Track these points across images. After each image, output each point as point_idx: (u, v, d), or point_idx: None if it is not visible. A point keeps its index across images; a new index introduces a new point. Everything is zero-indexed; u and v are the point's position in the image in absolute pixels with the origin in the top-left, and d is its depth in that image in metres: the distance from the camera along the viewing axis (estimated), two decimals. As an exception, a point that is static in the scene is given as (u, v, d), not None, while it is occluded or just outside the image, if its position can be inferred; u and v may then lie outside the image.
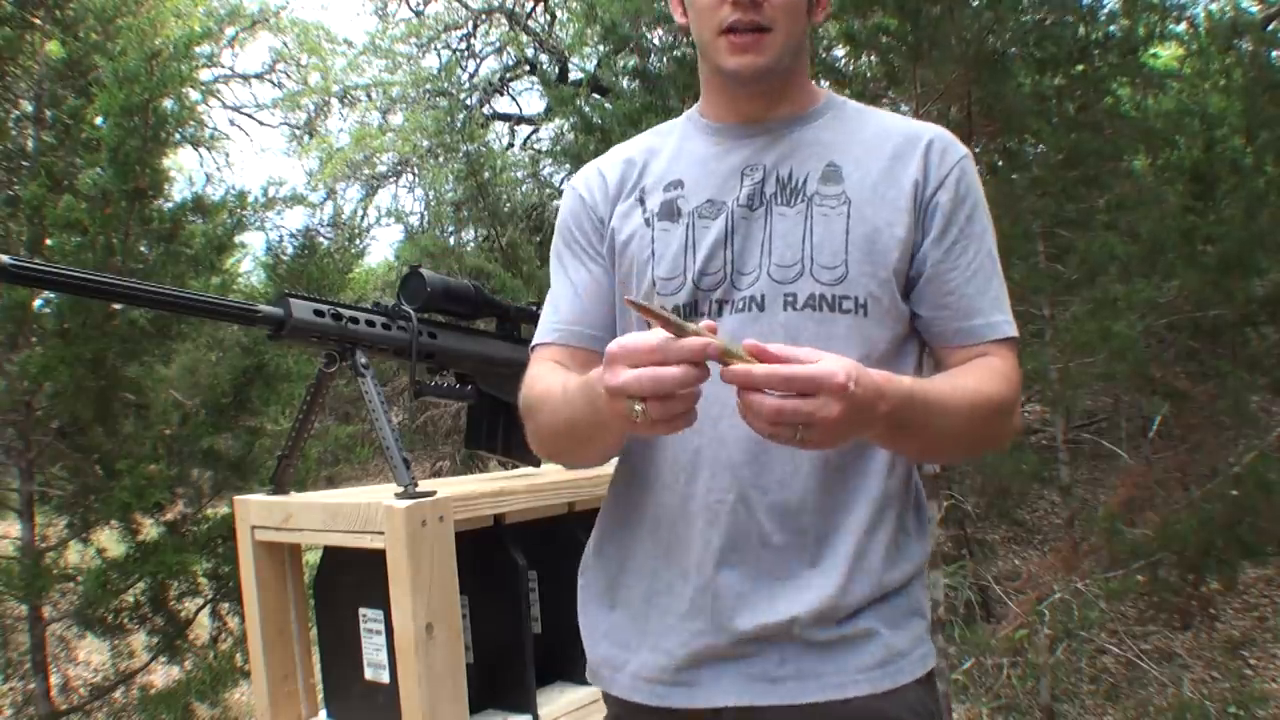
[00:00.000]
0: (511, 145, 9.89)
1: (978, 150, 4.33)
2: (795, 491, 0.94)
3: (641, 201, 1.04)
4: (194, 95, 4.72)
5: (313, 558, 1.42)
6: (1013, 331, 1.00)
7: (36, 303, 3.14)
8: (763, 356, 0.76)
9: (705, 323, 0.77)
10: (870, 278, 0.95)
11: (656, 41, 5.16)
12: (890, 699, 0.93)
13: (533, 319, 1.56)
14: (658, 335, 0.75)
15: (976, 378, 0.95)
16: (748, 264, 0.98)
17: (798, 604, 0.93)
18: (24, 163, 3.37)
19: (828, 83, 4.75)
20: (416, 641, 1.11)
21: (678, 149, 1.06)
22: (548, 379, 1.00)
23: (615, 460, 1.08)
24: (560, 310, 1.08)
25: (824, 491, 0.95)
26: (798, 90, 1.04)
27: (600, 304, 1.06)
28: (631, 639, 1.00)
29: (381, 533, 1.14)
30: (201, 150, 9.82)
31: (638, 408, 0.75)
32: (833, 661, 0.93)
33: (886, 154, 0.99)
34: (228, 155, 13.40)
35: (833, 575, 0.93)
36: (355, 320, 1.29)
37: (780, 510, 0.94)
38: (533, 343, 1.10)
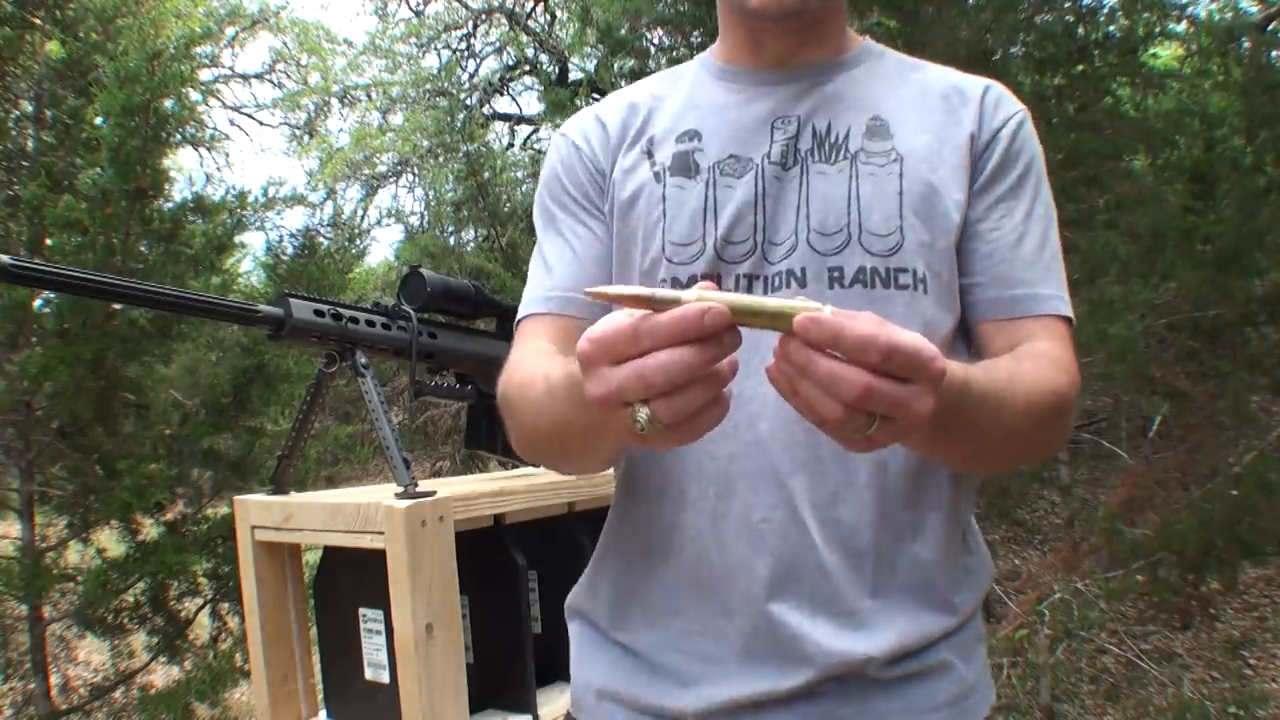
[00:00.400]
0: (511, 145, 9.89)
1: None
2: (851, 507, 0.79)
3: (649, 154, 0.87)
4: (194, 95, 4.72)
5: (313, 558, 1.42)
6: (1068, 310, 0.84)
7: (36, 303, 3.14)
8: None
9: (700, 284, 0.57)
10: (928, 248, 0.81)
11: (656, 42, 5.16)
12: None
13: (533, 319, 1.56)
14: (629, 317, 0.56)
15: (1033, 366, 0.77)
16: (781, 231, 0.81)
17: (871, 643, 0.78)
18: (24, 163, 3.37)
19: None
20: (416, 641, 1.11)
21: (690, 96, 0.90)
22: (529, 365, 0.81)
23: (615, 472, 0.93)
24: (555, 273, 0.88)
25: (885, 506, 0.79)
26: (833, 33, 0.89)
27: (603, 269, 0.88)
28: (648, 686, 0.84)
29: (381, 533, 1.13)
30: (201, 150, 9.82)
31: (642, 415, 0.55)
32: (901, 698, 0.80)
33: (939, 108, 0.85)
34: (228, 155, 13.40)
35: (901, 609, 0.79)
36: (355, 320, 1.29)
37: (836, 529, 0.78)
38: (519, 315, 0.91)
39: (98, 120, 3.19)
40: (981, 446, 0.75)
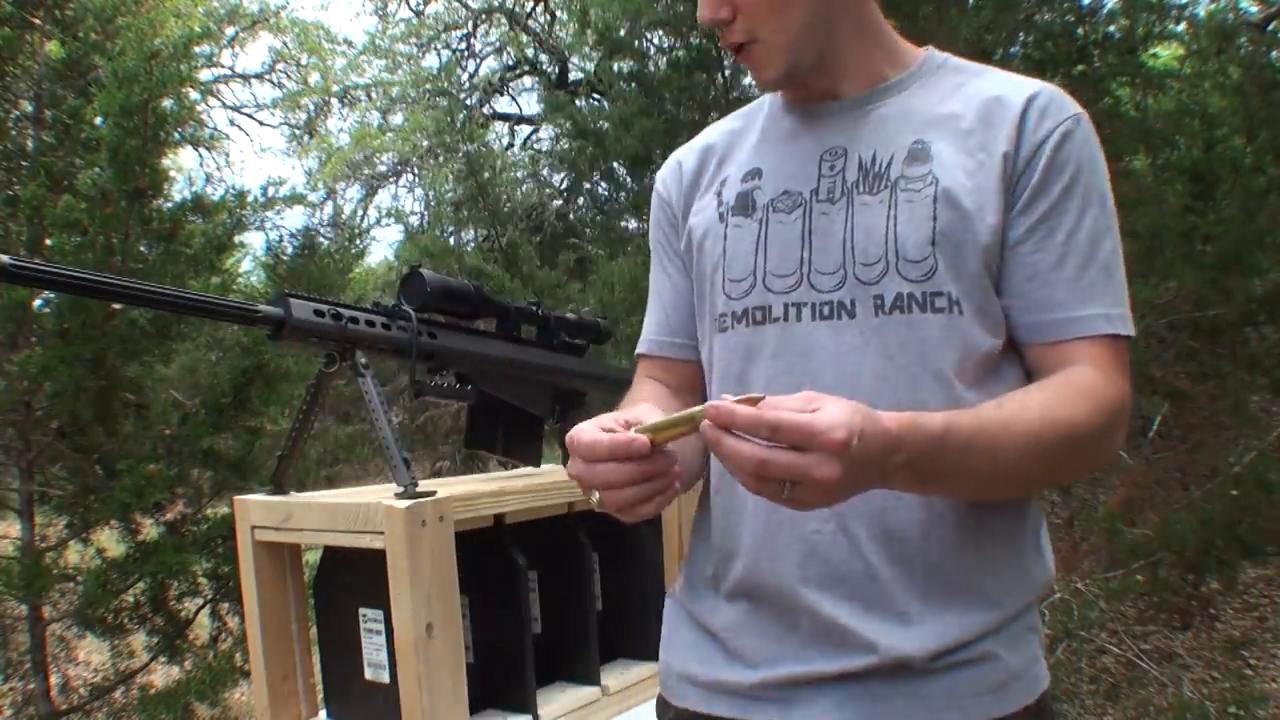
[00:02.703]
0: (511, 145, 9.89)
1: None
2: (899, 517, 0.83)
3: (719, 194, 0.95)
4: (194, 95, 4.72)
5: (313, 558, 1.42)
6: (1111, 328, 0.83)
7: (36, 303, 3.14)
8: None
9: (747, 395, 0.66)
10: (960, 272, 0.82)
11: (656, 42, 5.16)
12: None
13: (533, 319, 1.56)
14: (594, 432, 0.74)
15: (1050, 398, 0.79)
16: (829, 263, 0.85)
17: (918, 641, 0.82)
18: (24, 163, 3.37)
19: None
20: (416, 641, 1.11)
21: (761, 131, 0.96)
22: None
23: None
24: (650, 320, 1.06)
25: (934, 517, 0.83)
26: (863, 59, 0.90)
27: (681, 314, 1.02)
28: (718, 657, 0.93)
29: (381, 533, 1.13)
30: (201, 150, 9.83)
31: (594, 498, 0.75)
32: (941, 682, 0.83)
33: (978, 125, 0.84)
34: (227, 155, 13.41)
35: (950, 610, 0.83)
36: (355, 320, 1.29)
37: (884, 539, 0.83)
38: (638, 349, 1.10)
39: (97, 120, 3.19)
40: (981, 484, 0.79)
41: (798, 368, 0.85)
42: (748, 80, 5.58)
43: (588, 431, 0.74)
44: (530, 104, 10.08)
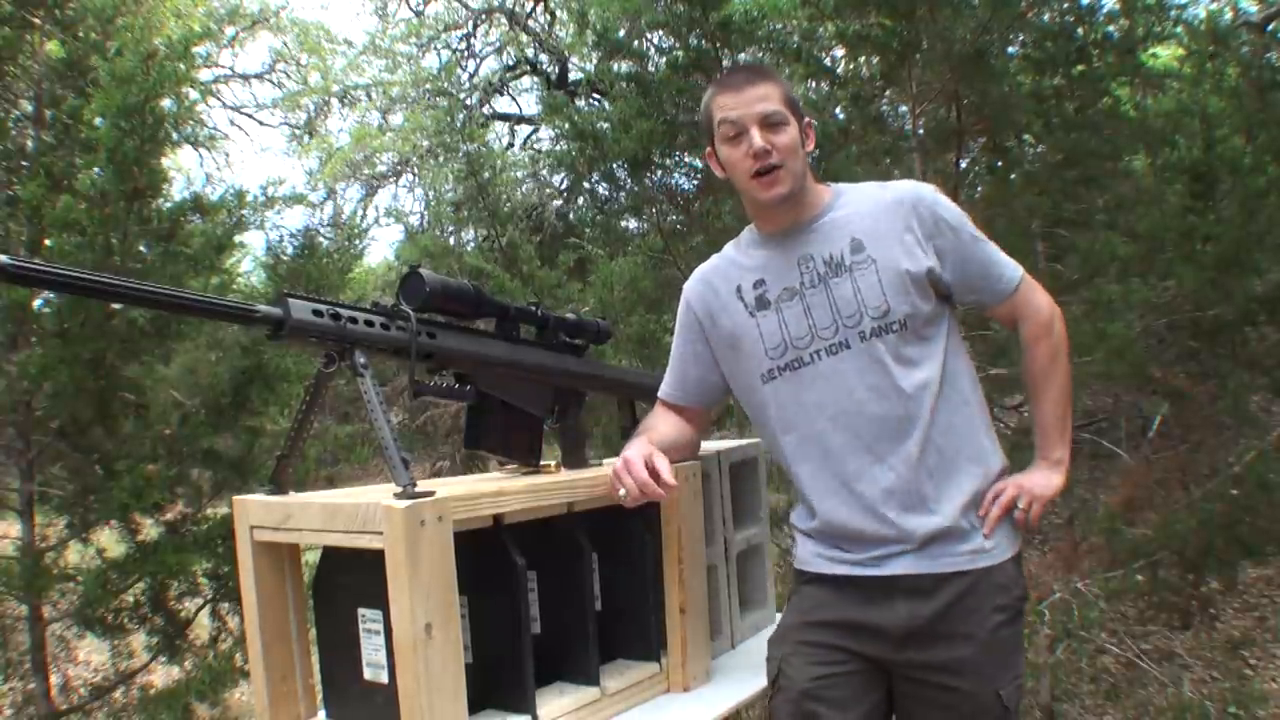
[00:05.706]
0: (511, 145, 9.89)
1: (974, 150, 4.33)
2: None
3: (742, 299, 1.49)
4: (193, 95, 4.72)
5: (312, 558, 1.42)
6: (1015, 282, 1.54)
7: (36, 303, 3.14)
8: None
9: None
10: (900, 303, 1.40)
11: (655, 43, 5.15)
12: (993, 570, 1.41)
13: (532, 319, 1.56)
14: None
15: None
16: (826, 320, 1.42)
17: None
18: (24, 163, 3.37)
19: (826, 85, 4.75)
20: (415, 642, 1.11)
21: (750, 256, 1.51)
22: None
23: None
24: (672, 377, 1.62)
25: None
26: (813, 195, 1.47)
27: (697, 379, 1.59)
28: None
29: (380, 533, 1.13)
30: (201, 150, 9.83)
31: (622, 491, 1.34)
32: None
33: (883, 214, 1.44)
34: (227, 155, 13.41)
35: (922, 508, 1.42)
36: (354, 320, 1.28)
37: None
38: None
39: (96, 121, 3.19)
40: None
41: (822, 384, 1.41)
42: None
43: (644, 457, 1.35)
44: (530, 104, 10.08)
